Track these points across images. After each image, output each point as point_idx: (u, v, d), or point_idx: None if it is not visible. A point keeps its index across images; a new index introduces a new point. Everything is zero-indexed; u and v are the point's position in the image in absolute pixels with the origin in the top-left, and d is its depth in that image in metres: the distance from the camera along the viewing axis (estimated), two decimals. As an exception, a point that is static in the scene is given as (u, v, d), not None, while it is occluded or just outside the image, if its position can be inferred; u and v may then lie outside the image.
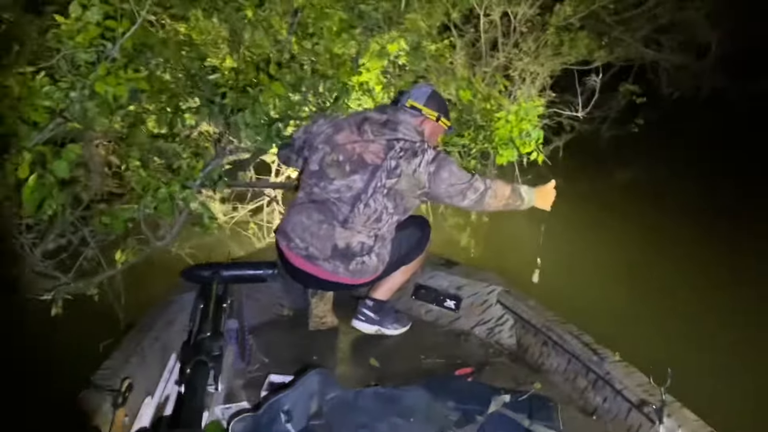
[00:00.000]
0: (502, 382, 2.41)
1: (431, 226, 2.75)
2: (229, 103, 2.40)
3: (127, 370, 2.01)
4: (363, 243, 2.45)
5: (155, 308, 2.47)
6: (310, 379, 2.12)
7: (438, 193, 2.46)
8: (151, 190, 2.21)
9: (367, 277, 2.53)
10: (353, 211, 2.42)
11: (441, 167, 2.43)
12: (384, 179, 2.40)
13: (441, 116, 2.64)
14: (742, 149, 8.54)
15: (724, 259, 4.98)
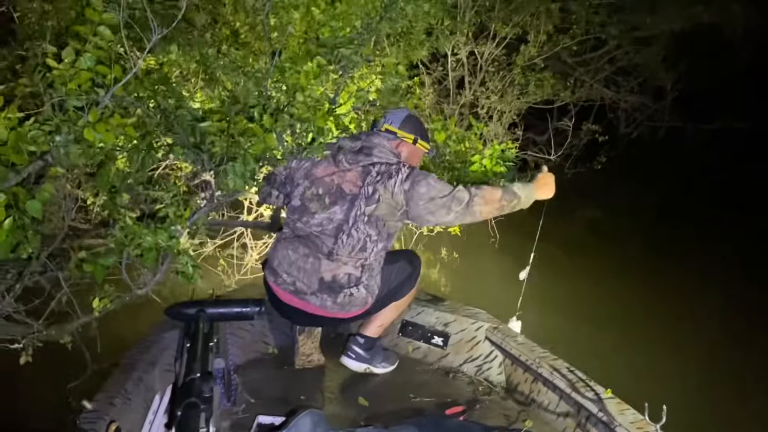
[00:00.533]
0: (494, 421, 2.39)
1: (421, 262, 2.71)
2: (218, 152, 2.36)
3: (111, 413, 1.92)
4: (350, 274, 2.41)
5: (137, 348, 2.38)
6: (302, 421, 2.06)
7: (418, 212, 2.40)
8: (136, 239, 2.15)
9: (356, 310, 2.48)
10: (337, 242, 2.40)
11: (416, 183, 2.38)
12: (363, 207, 2.38)
13: (418, 138, 2.58)
14: (696, 187, 8.88)
15: (684, 290, 5.17)
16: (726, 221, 7.29)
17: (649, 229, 7.03)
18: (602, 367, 2.88)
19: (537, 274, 2.79)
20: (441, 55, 6.62)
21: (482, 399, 2.55)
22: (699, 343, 4.21)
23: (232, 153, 2.30)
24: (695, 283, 5.40)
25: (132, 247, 2.11)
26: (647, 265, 5.78)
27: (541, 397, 2.49)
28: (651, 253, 6.15)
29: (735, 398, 3.48)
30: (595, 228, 7.46)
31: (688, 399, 3.19)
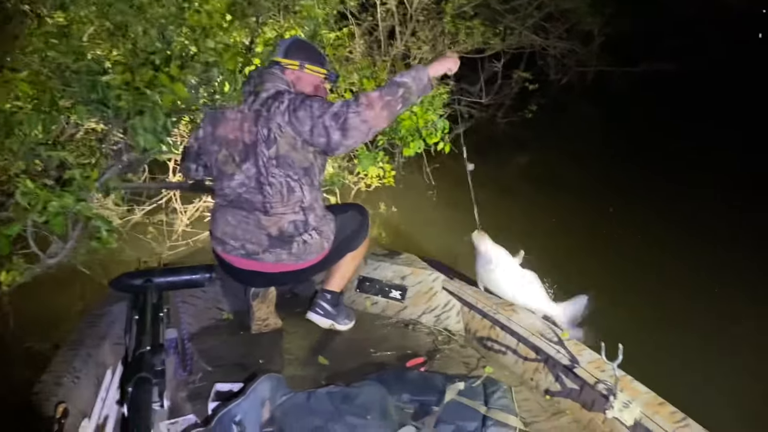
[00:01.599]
0: (454, 369, 2.42)
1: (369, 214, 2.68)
2: (125, 106, 2.19)
3: (60, 394, 1.82)
4: (294, 221, 2.33)
5: (84, 323, 2.26)
6: (261, 386, 2.03)
7: (310, 139, 2.22)
8: (40, 204, 1.99)
9: (313, 257, 2.41)
10: (265, 196, 2.30)
11: (296, 109, 2.22)
12: (266, 151, 2.25)
13: (304, 63, 2.38)
14: (624, 129, 9.16)
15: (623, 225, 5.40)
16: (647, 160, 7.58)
17: (581, 173, 7.21)
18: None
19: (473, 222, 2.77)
20: (370, 5, 6.47)
21: (442, 348, 2.57)
22: (646, 277, 4.37)
23: (140, 107, 2.14)
24: (632, 218, 5.63)
25: (36, 213, 1.95)
26: (581, 206, 5.97)
27: (499, 343, 2.52)
28: (585, 196, 6.34)
29: (686, 330, 3.63)
30: (528, 174, 7.61)
31: (643, 336, 3.30)
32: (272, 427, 2.03)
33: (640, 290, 4.19)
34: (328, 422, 2.03)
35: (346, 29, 5.40)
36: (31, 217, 1.95)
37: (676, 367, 3.15)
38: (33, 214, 1.94)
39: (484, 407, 2.12)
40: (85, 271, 3.46)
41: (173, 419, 2.02)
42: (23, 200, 1.95)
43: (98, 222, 2.06)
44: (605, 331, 2.07)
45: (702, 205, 5.86)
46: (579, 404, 2.13)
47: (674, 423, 1.79)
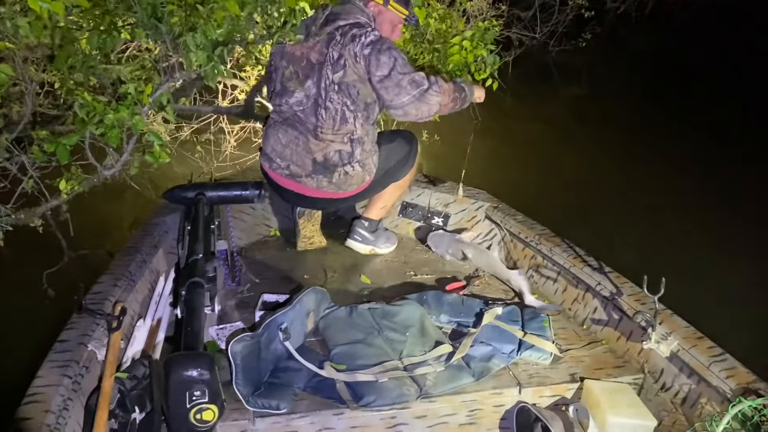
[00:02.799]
0: (493, 296, 2.45)
1: (418, 141, 2.67)
2: (177, 22, 2.18)
3: (117, 294, 1.94)
4: (340, 151, 2.35)
5: (139, 232, 2.37)
6: (306, 297, 2.10)
7: (375, 82, 2.25)
8: (97, 116, 2.04)
9: (353, 189, 2.45)
10: (318, 119, 2.31)
11: (380, 51, 2.22)
12: (330, 75, 2.26)
13: (389, 0, 2.36)
14: (680, 64, 8.76)
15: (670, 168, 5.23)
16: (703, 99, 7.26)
17: (631, 114, 6.97)
18: (603, 242, 2.93)
19: (517, 154, 2.76)
20: None
21: (482, 275, 2.59)
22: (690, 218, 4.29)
23: (191, 24, 2.14)
24: (680, 161, 5.44)
25: (93, 125, 2.01)
26: (629, 147, 5.79)
27: (540, 272, 2.55)
28: (633, 135, 6.13)
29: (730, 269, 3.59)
30: (576, 110, 7.39)
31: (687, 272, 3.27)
32: (316, 338, 2.13)
33: (691, 229, 4.13)
34: (368, 336, 2.11)
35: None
36: (89, 129, 2.00)
37: (720, 306, 3.13)
38: (90, 126, 1.99)
39: (521, 332, 2.17)
40: (136, 186, 3.57)
41: (222, 325, 2.12)
42: (81, 112, 2.00)
43: (151, 137, 2.11)
44: (649, 265, 2.06)
45: (755, 146, 5.66)
46: (616, 335, 2.15)
47: (711, 357, 1.81)
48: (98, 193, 3.03)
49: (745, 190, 4.73)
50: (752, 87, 7.56)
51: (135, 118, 1.99)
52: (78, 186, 2.19)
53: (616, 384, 1.98)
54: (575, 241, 2.50)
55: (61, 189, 2.19)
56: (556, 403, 2.00)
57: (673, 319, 1.99)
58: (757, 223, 4.20)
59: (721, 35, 9.91)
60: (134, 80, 2.08)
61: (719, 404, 1.74)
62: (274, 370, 1.92)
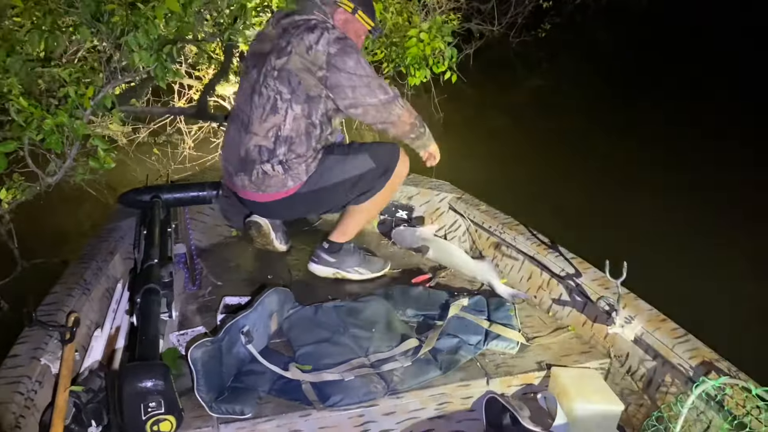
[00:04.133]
0: (459, 287, 2.44)
1: (402, 160, 2.35)
2: (118, 21, 2.12)
3: (71, 304, 1.87)
4: (260, 146, 2.17)
5: (94, 238, 2.30)
6: (269, 298, 2.07)
7: (338, 81, 2.13)
8: (35, 122, 1.97)
9: (273, 191, 2.23)
10: (251, 107, 2.18)
11: (346, 52, 2.12)
12: (273, 61, 2.14)
13: (359, 9, 2.28)
14: (638, 51, 8.88)
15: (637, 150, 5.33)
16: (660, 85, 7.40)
17: (591, 101, 7.04)
18: (566, 229, 2.94)
19: (480, 145, 2.75)
20: None
21: (447, 267, 2.58)
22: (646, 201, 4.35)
23: (133, 22, 2.08)
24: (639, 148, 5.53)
25: (31, 131, 1.94)
26: (589, 134, 5.85)
27: (505, 261, 2.54)
28: (593, 121, 6.22)
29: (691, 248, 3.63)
30: (538, 99, 7.48)
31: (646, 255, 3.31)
32: (280, 339, 2.09)
33: (647, 213, 4.18)
34: (334, 334, 2.08)
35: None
36: (28, 134, 1.93)
37: (681, 287, 3.17)
38: (29, 132, 1.93)
39: (487, 322, 2.16)
40: (91, 191, 3.49)
41: (183, 330, 2.07)
42: (19, 118, 1.93)
43: (96, 141, 2.04)
44: (610, 250, 2.06)
45: (708, 130, 5.76)
46: (581, 320, 2.16)
47: (675, 338, 1.82)
48: (54, 199, 2.96)
49: (705, 172, 4.80)
50: (705, 71, 7.69)
51: (75, 122, 1.93)
52: (20, 195, 2.12)
53: (583, 370, 1.98)
54: (539, 228, 2.50)
55: (1, 198, 2.12)
56: (524, 392, 1.99)
57: (637, 303, 2.00)
58: (718, 205, 4.27)
59: (676, 23, 10.06)
60: (74, 83, 2.01)
61: (684, 385, 1.75)
62: (237, 375, 1.88)
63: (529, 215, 2.71)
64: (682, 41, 9.30)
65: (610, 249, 2.12)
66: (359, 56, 2.17)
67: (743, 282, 3.31)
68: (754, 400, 1.53)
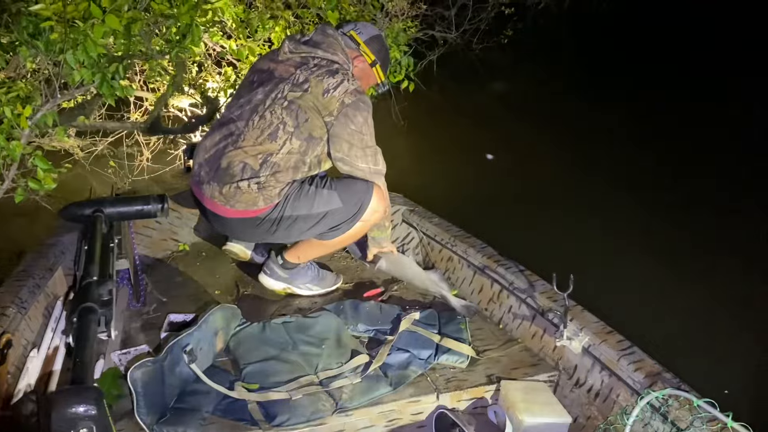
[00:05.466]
0: (411, 301, 2.42)
1: (377, 198, 2.23)
2: (56, 38, 2.06)
3: (5, 324, 1.80)
4: (245, 164, 2.09)
5: (32, 253, 2.22)
6: (214, 315, 2.02)
7: (340, 132, 2.11)
8: None
9: (240, 208, 2.13)
10: (248, 124, 2.12)
11: (359, 107, 2.11)
12: (286, 91, 2.10)
13: (378, 63, 2.31)
14: (599, 55, 9.03)
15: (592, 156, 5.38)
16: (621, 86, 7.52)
17: (554, 103, 7.14)
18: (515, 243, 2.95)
19: (441, 153, 2.75)
20: None
21: (400, 280, 2.56)
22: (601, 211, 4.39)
23: (73, 40, 2.02)
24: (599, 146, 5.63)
25: None
26: (554, 134, 5.95)
27: (456, 274, 2.54)
28: (556, 123, 6.31)
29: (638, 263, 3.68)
30: (504, 102, 7.54)
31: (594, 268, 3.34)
32: (226, 357, 2.05)
33: (596, 224, 4.20)
34: (282, 351, 2.04)
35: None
36: None
37: (627, 299, 3.21)
38: None
39: (438, 336, 2.15)
40: (48, 206, 3.38)
41: (125, 349, 2.01)
42: None
43: (36, 161, 1.98)
44: (558, 263, 2.07)
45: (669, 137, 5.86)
46: (531, 333, 2.16)
47: (620, 351, 1.83)
48: (6, 214, 2.84)
49: (658, 182, 4.87)
50: (667, 73, 7.86)
51: (11, 143, 1.87)
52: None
53: (532, 383, 1.99)
54: (491, 241, 2.51)
55: None
56: (474, 406, 1.98)
57: (584, 315, 2.01)
58: (665, 216, 4.32)
59: (637, 26, 10.27)
60: (9, 103, 1.94)
61: (630, 396, 1.77)
62: (180, 395, 1.83)
63: (481, 226, 2.71)
64: (643, 42, 9.46)
65: (559, 261, 2.13)
66: (369, 116, 2.16)
67: (688, 294, 3.36)
68: (696, 411, 1.55)
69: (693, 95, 7.06)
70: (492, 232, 2.66)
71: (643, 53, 8.96)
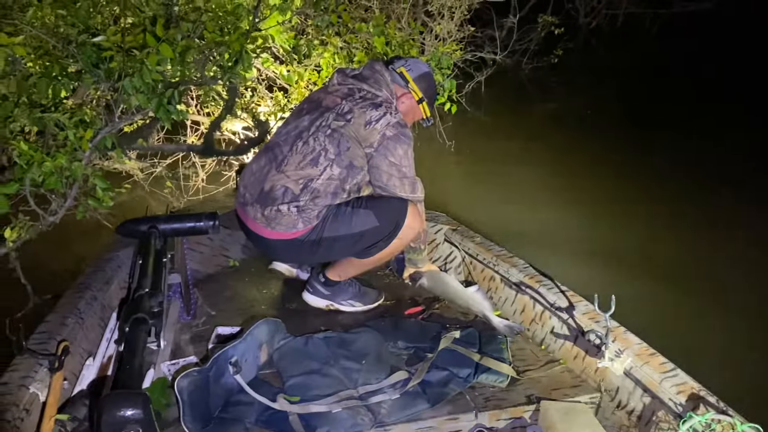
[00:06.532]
0: (452, 319, 2.44)
1: (412, 215, 2.28)
2: (116, 67, 2.20)
3: (63, 333, 1.90)
4: (287, 188, 2.17)
5: (91, 267, 2.34)
6: (259, 329, 2.08)
7: (380, 164, 2.20)
8: (36, 164, 2.05)
9: (281, 230, 2.21)
10: (291, 149, 2.20)
11: (399, 140, 2.19)
12: (331, 119, 2.19)
13: (425, 100, 2.39)
14: (652, 72, 8.86)
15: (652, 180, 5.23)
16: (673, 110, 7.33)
17: (606, 120, 7.04)
18: (559, 261, 2.93)
19: (498, 170, 2.75)
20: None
21: (441, 299, 2.58)
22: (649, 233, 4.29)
23: (130, 68, 2.15)
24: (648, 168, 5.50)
25: (33, 173, 2.01)
26: (605, 156, 5.84)
27: (499, 293, 2.54)
28: (608, 145, 6.18)
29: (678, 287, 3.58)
30: (554, 121, 7.50)
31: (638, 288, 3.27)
32: (270, 369, 2.10)
33: (640, 245, 4.11)
34: (324, 366, 2.08)
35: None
36: (29, 176, 2.01)
37: (670, 320, 3.12)
38: (30, 174, 2.00)
39: (478, 355, 2.15)
40: (108, 224, 3.55)
41: (174, 360, 2.09)
42: (21, 161, 2.01)
43: (96, 181, 2.11)
44: (601, 282, 2.06)
45: (719, 159, 5.68)
46: (572, 354, 2.14)
47: (663, 373, 1.80)
48: (71, 232, 2.98)
49: (707, 212, 4.69)
50: (724, 97, 7.64)
51: (74, 164, 1.99)
52: (25, 233, 2.18)
53: (573, 404, 1.96)
54: (533, 260, 2.50)
55: (6, 237, 2.18)
56: (513, 426, 1.97)
57: (626, 336, 1.98)
58: (710, 239, 4.18)
59: (690, 46, 10.05)
60: (73, 127, 2.08)
61: (673, 420, 1.73)
62: (225, 405, 1.89)
63: (525, 246, 2.71)
64: (694, 66, 9.23)
65: (600, 281, 2.12)
66: (409, 148, 2.25)
67: (733, 315, 3.24)
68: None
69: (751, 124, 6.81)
70: (533, 251, 2.65)
71: (694, 76, 8.72)
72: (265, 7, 2.77)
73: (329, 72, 3.54)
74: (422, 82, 2.38)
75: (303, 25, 4.11)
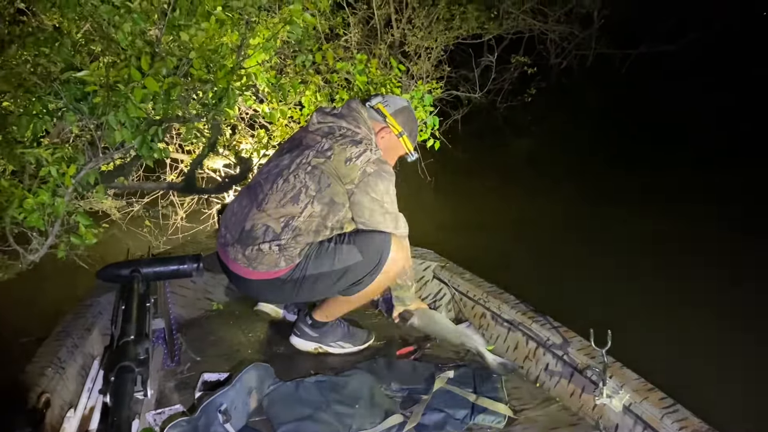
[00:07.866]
0: (444, 358, 2.39)
1: (396, 250, 2.25)
2: (100, 101, 2.17)
3: (43, 384, 1.82)
4: (268, 227, 2.13)
5: (70, 314, 2.25)
6: (248, 375, 2.02)
7: (361, 200, 2.18)
8: (16, 201, 1.99)
9: (263, 270, 2.16)
10: (272, 188, 2.17)
11: (381, 176, 2.18)
12: (311, 157, 2.17)
13: (404, 134, 2.36)
14: (623, 110, 9.07)
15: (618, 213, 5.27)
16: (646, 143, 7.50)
17: (580, 157, 7.15)
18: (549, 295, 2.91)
19: (475, 206, 2.74)
20: (367, -6, 6.43)
21: (432, 338, 2.54)
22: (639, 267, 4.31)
23: (114, 102, 2.12)
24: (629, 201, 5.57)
25: (13, 210, 1.95)
26: (581, 191, 5.90)
27: (490, 331, 2.51)
28: (585, 180, 6.27)
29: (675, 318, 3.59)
30: (528, 159, 7.62)
31: (632, 322, 3.26)
32: (260, 416, 2.03)
33: (632, 280, 4.11)
34: (316, 411, 2.02)
35: (340, 18, 5.39)
36: (9, 214, 1.94)
37: (670, 355, 3.12)
38: (11, 212, 1.93)
39: (474, 395, 2.11)
40: (84, 265, 3.45)
41: (160, 409, 2.01)
42: (0, 198, 1.95)
43: (78, 218, 2.05)
44: (597, 317, 2.04)
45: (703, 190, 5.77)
46: (569, 391, 2.11)
47: (663, 408, 1.78)
48: (48, 273, 2.88)
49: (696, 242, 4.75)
50: (690, 134, 7.82)
51: (56, 200, 1.93)
52: (2, 273, 2.10)
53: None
54: (524, 296, 2.47)
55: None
56: (512, 468, 1.93)
57: (623, 372, 1.96)
58: (705, 273, 4.18)
59: (658, 85, 10.33)
60: (56, 163, 2.02)
61: None
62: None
63: (514, 282, 2.69)
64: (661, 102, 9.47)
65: (595, 317, 2.10)
66: (390, 184, 2.23)
67: (732, 350, 3.25)
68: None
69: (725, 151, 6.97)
70: (522, 287, 2.63)
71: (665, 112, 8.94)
72: (247, 47, 2.76)
73: (311, 110, 3.54)
74: (400, 116, 2.37)
75: (282, 65, 4.13)
